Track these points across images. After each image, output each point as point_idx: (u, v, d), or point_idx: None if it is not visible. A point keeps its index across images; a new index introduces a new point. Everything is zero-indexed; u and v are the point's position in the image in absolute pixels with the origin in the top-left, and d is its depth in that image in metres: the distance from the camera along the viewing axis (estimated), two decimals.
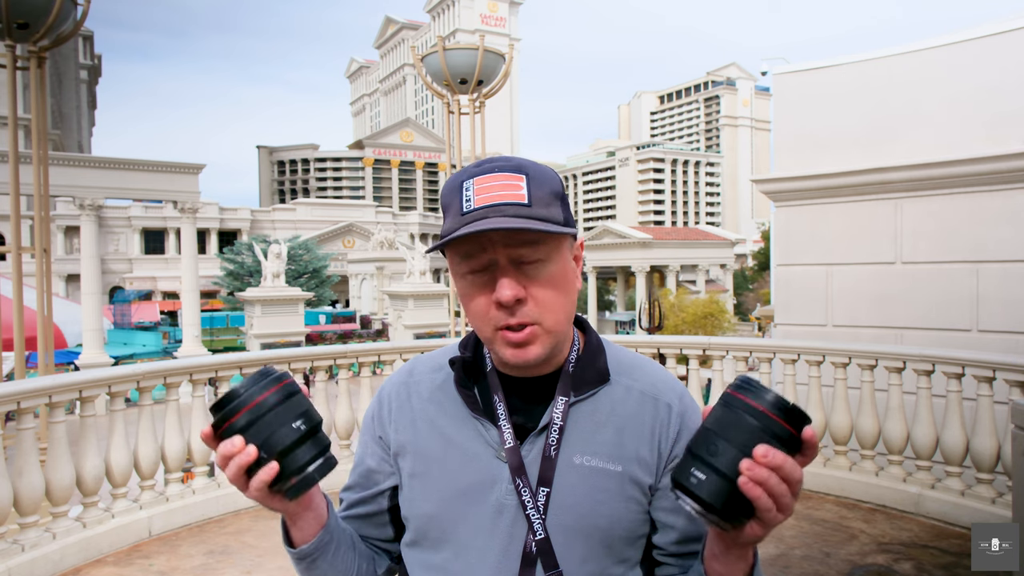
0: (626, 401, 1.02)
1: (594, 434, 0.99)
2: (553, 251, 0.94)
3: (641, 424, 1.00)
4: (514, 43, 32.30)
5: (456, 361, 1.04)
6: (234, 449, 0.83)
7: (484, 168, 0.93)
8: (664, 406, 1.02)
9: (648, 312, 20.64)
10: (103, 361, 20.14)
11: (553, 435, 0.98)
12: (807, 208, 6.12)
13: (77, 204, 22.35)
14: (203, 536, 4.45)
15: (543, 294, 0.93)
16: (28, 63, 6.12)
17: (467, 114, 9.54)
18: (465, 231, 0.88)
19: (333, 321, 36.84)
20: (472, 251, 0.92)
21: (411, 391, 1.08)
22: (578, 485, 0.97)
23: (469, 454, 1.00)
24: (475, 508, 0.98)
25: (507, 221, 0.88)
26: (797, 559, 3.96)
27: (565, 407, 0.99)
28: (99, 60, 67.04)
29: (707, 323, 36.18)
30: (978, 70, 5.33)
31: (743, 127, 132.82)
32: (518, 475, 0.96)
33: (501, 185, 0.91)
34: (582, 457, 0.98)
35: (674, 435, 1.00)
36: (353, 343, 7.70)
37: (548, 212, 0.92)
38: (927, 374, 4.59)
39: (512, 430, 0.98)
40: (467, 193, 0.92)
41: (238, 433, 0.84)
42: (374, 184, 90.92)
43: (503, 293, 0.90)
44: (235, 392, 0.85)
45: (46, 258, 6.12)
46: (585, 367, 1.03)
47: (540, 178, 0.93)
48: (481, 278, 0.93)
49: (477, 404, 1.02)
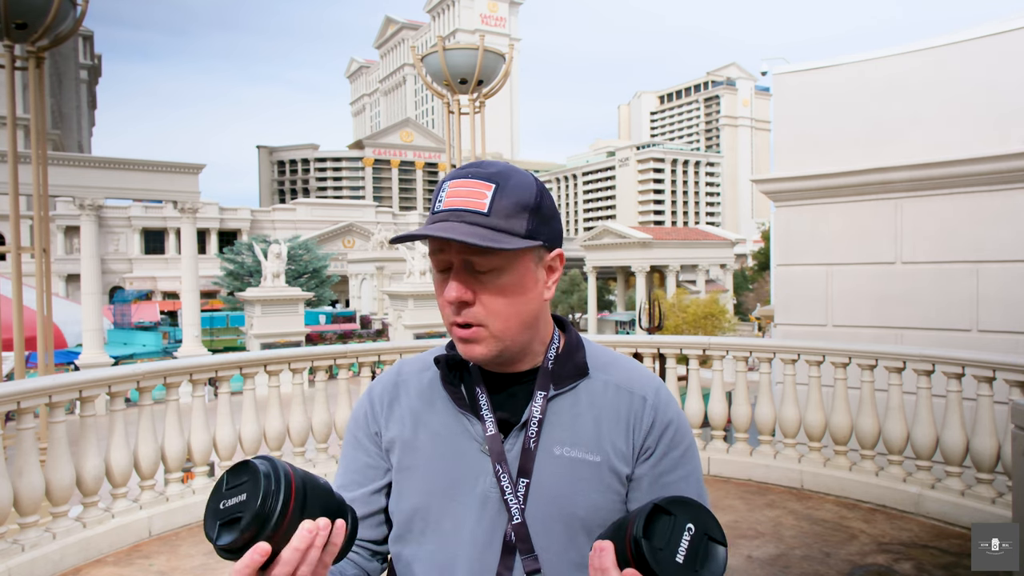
0: (604, 394, 1.05)
1: (573, 426, 1.03)
2: (508, 262, 0.97)
3: (617, 415, 1.04)
4: (514, 43, 32.25)
5: (440, 359, 1.08)
6: (316, 529, 0.77)
7: (465, 172, 0.98)
8: (639, 398, 1.05)
9: (648, 312, 20.65)
10: (103, 361, 20.14)
11: (532, 427, 1.01)
12: (807, 208, 6.12)
13: (77, 204, 22.35)
14: (203, 536, 4.42)
15: (492, 301, 0.98)
16: (27, 63, 6.12)
17: (467, 114, 9.54)
18: (415, 232, 0.94)
19: (333, 321, 36.84)
20: (434, 250, 0.98)
21: (400, 390, 1.12)
22: (558, 474, 1.00)
23: (455, 448, 1.03)
24: (460, 500, 1.01)
25: (453, 228, 0.93)
26: (797, 559, 3.96)
27: (544, 401, 1.03)
28: (99, 60, 67.02)
29: (707, 323, 36.14)
30: (978, 70, 5.33)
31: (743, 127, 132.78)
32: (499, 462, 1.00)
33: (467, 192, 0.96)
34: (562, 448, 1.01)
35: (647, 426, 1.04)
36: (353, 343, 7.70)
37: (507, 224, 0.95)
38: (927, 374, 4.59)
39: (495, 422, 1.02)
40: (441, 194, 0.98)
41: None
42: (374, 184, 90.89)
43: (449, 293, 0.97)
44: (266, 516, 0.74)
45: (46, 258, 6.11)
46: (564, 363, 1.07)
47: (511, 190, 0.96)
48: (443, 276, 0.99)
49: (463, 399, 1.05)
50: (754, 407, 5.36)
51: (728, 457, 5.43)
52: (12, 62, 6.06)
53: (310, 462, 5.30)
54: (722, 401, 5.50)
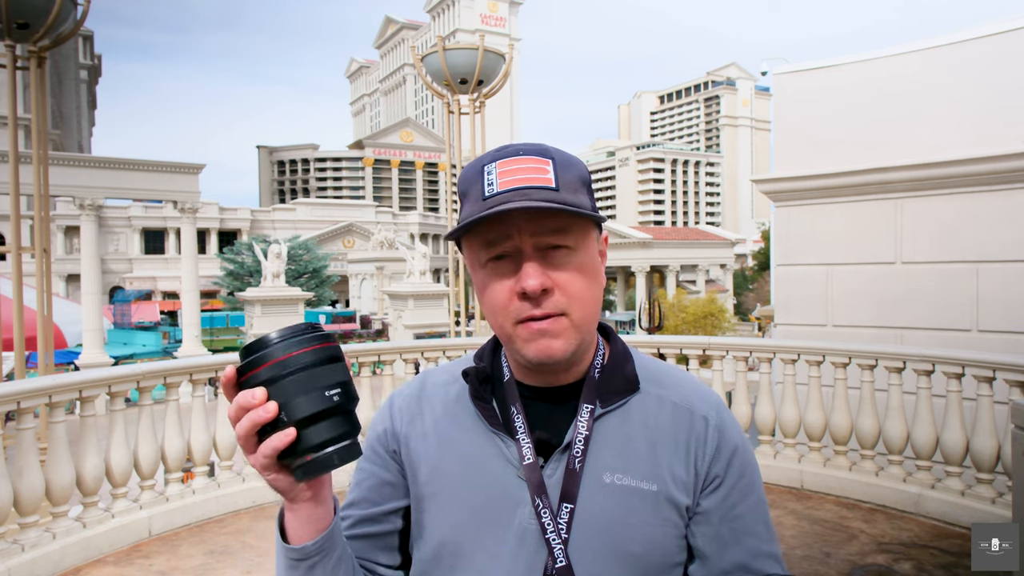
0: (659, 413, 0.93)
1: (625, 449, 0.91)
2: (581, 239, 0.88)
3: (676, 438, 0.92)
4: (514, 43, 32.17)
5: (470, 372, 0.96)
6: (253, 402, 0.72)
7: (508, 152, 0.88)
8: (700, 419, 0.93)
9: (648, 312, 20.65)
10: (103, 361, 20.11)
11: (578, 446, 0.89)
12: (807, 208, 6.12)
13: (77, 204, 22.32)
14: (203, 536, 4.44)
15: (571, 283, 0.86)
16: (28, 63, 6.12)
17: (467, 114, 9.54)
18: (490, 212, 0.82)
19: (333, 321, 36.80)
20: (495, 238, 0.85)
21: (423, 405, 1.00)
22: (608, 506, 0.88)
23: (488, 473, 0.91)
24: (494, 532, 0.90)
25: (535, 204, 0.82)
26: (797, 559, 3.96)
27: (590, 417, 0.91)
28: (99, 60, 67.04)
29: (707, 323, 36.17)
30: (978, 70, 5.33)
31: (743, 127, 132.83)
32: (538, 495, 0.88)
33: (527, 168, 0.85)
34: (612, 475, 0.89)
35: (712, 451, 0.92)
36: (353, 343, 7.69)
37: (576, 198, 0.86)
38: (927, 374, 4.59)
39: (532, 445, 0.90)
40: (489, 177, 0.86)
41: (262, 385, 0.73)
42: (374, 184, 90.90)
43: (528, 282, 0.83)
44: (268, 339, 0.74)
45: (46, 258, 6.12)
46: (611, 375, 0.94)
47: (566, 163, 0.87)
48: (503, 267, 0.86)
49: (496, 418, 0.93)
50: (754, 407, 5.36)
51: None
52: (13, 62, 6.06)
53: None
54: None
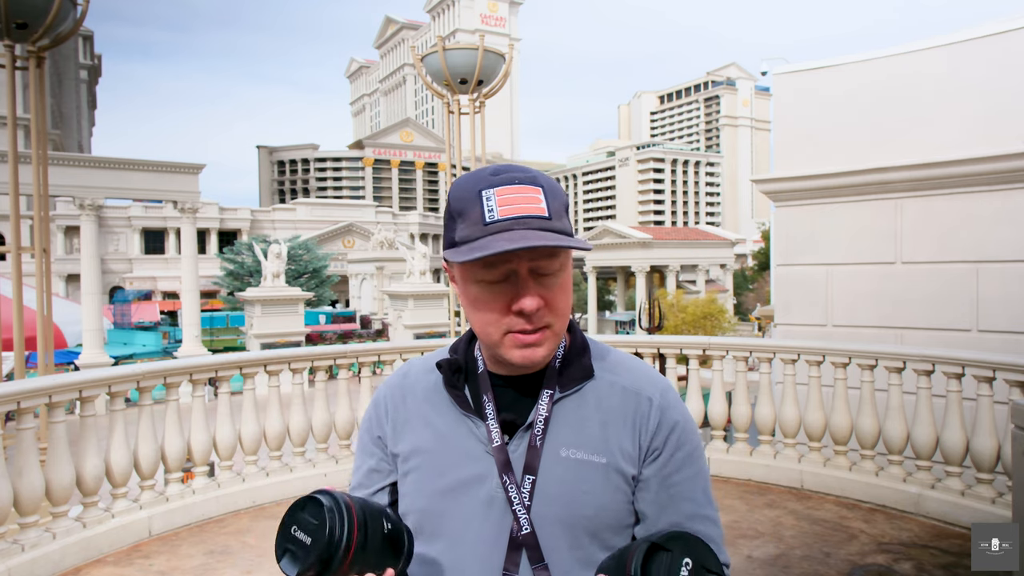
0: (610, 396, 1.06)
1: (580, 428, 1.04)
2: (566, 261, 1.01)
3: (623, 417, 1.05)
4: (514, 43, 32.21)
5: (443, 364, 1.09)
6: None
7: (503, 179, 0.96)
8: (645, 400, 1.06)
9: (648, 312, 20.65)
10: (103, 361, 20.11)
11: (539, 426, 1.03)
12: (807, 208, 6.12)
13: (77, 204, 22.32)
14: (203, 536, 4.44)
15: (557, 300, 0.99)
16: (27, 63, 6.12)
17: (467, 114, 9.53)
18: (507, 248, 0.90)
19: (333, 321, 36.81)
20: (495, 261, 0.95)
21: (406, 392, 1.13)
22: (564, 476, 1.01)
23: (461, 450, 1.05)
24: (466, 501, 1.03)
25: (541, 236, 0.92)
26: (797, 559, 3.96)
27: (550, 400, 1.04)
28: (99, 60, 67.04)
29: (707, 323, 36.14)
30: (978, 70, 5.33)
31: (743, 127, 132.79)
32: (505, 471, 1.01)
33: (523, 198, 0.95)
34: (568, 450, 1.02)
35: (653, 427, 1.05)
36: (353, 343, 7.69)
37: (562, 224, 0.96)
38: (927, 374, 4.59)
39: (500, 427, 1.03)
40: (488, 203, 0.95)
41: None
42: (374, 184, 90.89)
43: (527, 303, 0.96)
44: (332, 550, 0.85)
45: (46, 258, 6.11)
46: (571, 364, 1.07)
47: (553, 191, 0.98)
48: (498, 287, 0.97)
49: (467, 403, 1.07)
50: (754, 407, 5.36)
51: (728, 457, 5.43)
52: (12, 62, 6.05)
53: (310, 462, 5.30)
54: (722, 401, 5.50)
